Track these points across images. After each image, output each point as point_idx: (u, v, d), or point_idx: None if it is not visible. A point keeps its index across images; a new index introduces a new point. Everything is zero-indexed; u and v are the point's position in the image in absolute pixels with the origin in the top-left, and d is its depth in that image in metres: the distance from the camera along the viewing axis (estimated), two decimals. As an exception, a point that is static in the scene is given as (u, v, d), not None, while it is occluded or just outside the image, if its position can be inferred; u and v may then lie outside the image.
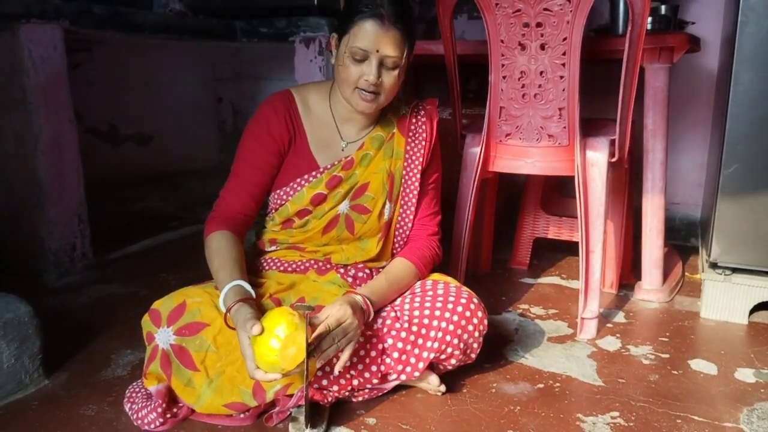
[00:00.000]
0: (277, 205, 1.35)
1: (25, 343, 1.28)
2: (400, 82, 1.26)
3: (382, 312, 1.26)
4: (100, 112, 2.53)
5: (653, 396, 1.30)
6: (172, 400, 1.17)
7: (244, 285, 1.17)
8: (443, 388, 1.28)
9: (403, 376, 1.23)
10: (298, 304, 1.23)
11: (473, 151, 1.69)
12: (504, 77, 1.57)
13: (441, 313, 1.22)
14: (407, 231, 1.41)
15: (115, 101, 2.59)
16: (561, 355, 1.49)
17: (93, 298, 1.83)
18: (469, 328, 1.23)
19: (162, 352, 1.15)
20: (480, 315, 1.25)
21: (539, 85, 1.54)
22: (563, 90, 1.51)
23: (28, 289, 1.64)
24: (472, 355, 1.28)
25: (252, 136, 1.32)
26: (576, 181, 1.57)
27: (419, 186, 1.38)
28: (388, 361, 1.22)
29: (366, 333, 1.22)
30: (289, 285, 1.31)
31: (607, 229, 1.66)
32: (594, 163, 1.58)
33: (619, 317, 1.72)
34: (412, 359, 1.22)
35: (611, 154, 1.59)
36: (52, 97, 1.88)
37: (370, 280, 1.30)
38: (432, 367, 1.29)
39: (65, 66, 1.91)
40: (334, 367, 1.13)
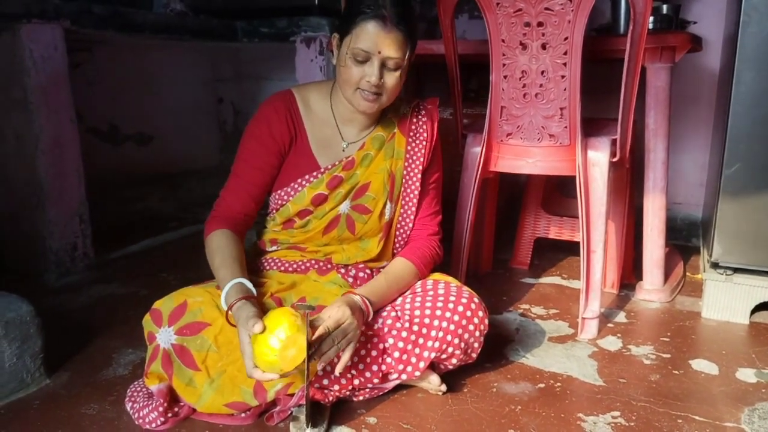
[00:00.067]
0: (278, 206, 1.35)
1: (27, 343, 1.28)
2: (402, 83, 1.26)
3: (383, 312, 1.26)
4: (100, 112, 2.53)
5: (654, 396, 1.30)
6: (173, 400, 1.17)
7: (246, 283, 1.17)
8: (444, 387, 1.28)
9: (403, 375, 1.22)
10: (298, 304, 1.23)
11: (474, 150, 1.69)
12: (505, 77, 1.57)
13: (442, 313, 1.22)
14: (408, 231, 1.40)
15: (116, 101, 2.59)
16: (562, 354, 1.49)
17: (94, 297, 1.83)
18: (470, 327, 1.23)
19: (163, 352, 1.15)
20: (481, 315, 1.25)
21: (540, 85, 1.53)
22: (564, 89, 1.51)
23: (29, 289, 1.63)
24: (473, 355, 1.28)
25: (252, 136, 1.32)
26: (577, 181, 1.57)
27: (420, 186, 1.38)
28: (389, 360, 1.22)
29: (367, 333, 1.21)
30: (290, 285, 1.31)
31: (608, 229, 1.66)
32: (595, 163, 1.58)
33: (620, 317, 1.72)
34: (413, 359, 1.22)
35: (612, 154, 1.58)
36: (52, 96, 1.88)
37: (370, 281, 1.30)
38: (433, 366, 1.29)
39: (66, 66, 1.91)
40: (335, 368, 1.13)
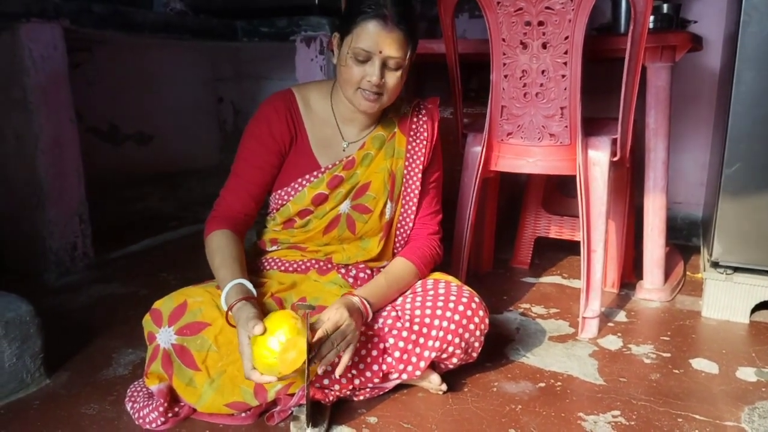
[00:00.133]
0: (278, 205, 1.34)
1: (27, 343, 1.28)
2: (403, 82, 1.26)
3: (383, 312, 1.26)
4: (100, 112, 2.53)
5: (654, 395, 1.30)
6: (173, 400, 1.17)
7: (246, 284, 1.17)
8: (444, 387, 1.28)
9: (404, 375, 1.22)
10: (299, 303, 1.23)
11: (475, 150, 1.69)
12: (505, 76, 1.57)
13: (442, 313, 1.22)
14: (408, 230, 1.40)
15: (116, 101, 2.59)
16: (562, 354, 1.49)
17: (94, 297, 1.83)
18: (471, 327, 1.23)
19: (163, 352, 1.15)
20: (481, 314, 1.25)
21: (541, 84, 1.53)
22: (565, 89, 1.51)
23: (29, 289, 1.63)
24: (474, 354, 1.28)
25: (253, 135, 1.32)
26: (577, 181, 1.57)
27: (420, 185, 1.37)
28: (390, 360, 1.22)
29: (367, 333, 1.21)
30: (290, 285, 1.30)
31: (608, 228, 1.66)
32: (596, 163, 1.58)
33: (621, 316, 1.72)
34: (414, 359, 1.21)
35: (613, 153, 1.58)
36: (52, 96, 1.88)
37: (369, 281, 1.30)
38: (433, 366, 1.29)
39: (66, 65, 1.91)
40: (335, 371, 1.13)
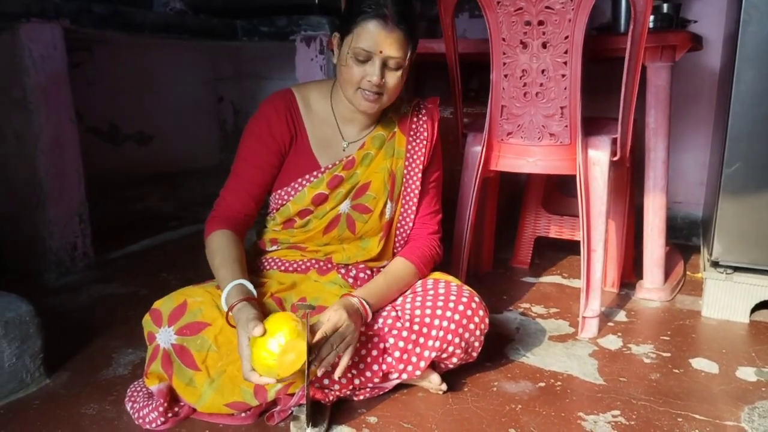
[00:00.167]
0: (278, 205, 1.34)
1: (26, 343, 1.28)
2: (403, 82, 1.26)
3: (383, 312, 1.26)
4: (100, 112, 2.53)
5: (654, 395, 1.30)
6: (173, 400, 1.17)
7: (246, 284, 1.16)
8: (444, 386, 1.28)
9: (404, 375, 1.22)
10: (299, 303, 1.23)
11: (475, 150, 1.69)
12: (505, 76, 1.57)
13: (442, 313, 1.22)
14: (408, 230, 1.40)
15: (116, 101, 2.59)
16: (562, 353, 1.49)
17: (93, 297, 1.83)
18: (471, 327, 1.23)
19: (163, 352, 1.15)
20: (481, 314, 1.25)
21: (541, 84, 1.53)
22: (565, 88, 1.51)
23: (28, 289, 1.63)
24: (474, 354, 1.28)
25: (253, 135, 1.31)
26: (577, 180, 1.57)
27: (420, 185, 1.37)
28: (390, 360, 1.22)
29: (367, 333, 1.21)
30: (290, 285, 1.30)
31: (608, 228, 1.66)
32: (596, 162, 1.58)
33: (621, 316, 1.72)
34: (414, 358, 1.21)
35: (613, 153, 1.58)
36: (52, 96, 1.88)
37: (369, 282, 1.30)
38: (433, 365, 1.29)
39: (65, 65, 1.91)
40: (335, 372, 1.13)
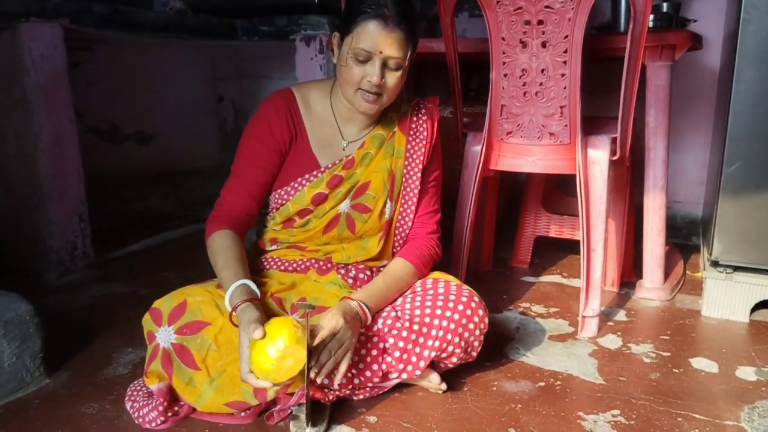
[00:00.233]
0: (278, 205, 1.34)
1: (26, 342, 1.28)
2: (403, 82, 1.26)
3: (383, 311, 1.26)
4: (100, 111, 2.53)
5: (654, 394, 1.30)
6: (173, 399, 1.17)
7: (250, 284, 1.17)
8: (444, 386, 1.28)
9: (404, 374, 1.22)
10: (299, 303, 1.23)
11: (474, 149, 1.69)
12: (505, 75, 1.57)
13: (442, 312, 1.22)
14: (408, 229, 1.40)
15: (116, 100, 2.59)
16: (562, 353, 1.49)
17: (94, 297, 1.83)
18: (470, 326, 1.23)
19: (163, 351, 1.15)
20: (481, 313, 1.25)
21: (540, 83, 1.53)
22: (565, 88, 1.51)
23: (29, 289, 1.63)
24: (473, 354, 1.28)
25: (253, 134, 1.31)
26: (577, 180, 1.57)
27: (420, 184, 1.37)
28: (389, 360, 1.22)
29: (367, 333, 1.21)
30: (290, 285, 1.31)
31: (608, 227, 1.66)
32: (595, 162, 1.58)
33: (620, 315, 1.72)
34: (413, 358, 1.21)
35: (613, 152, 1.58)
36: (52, 96, 1.88)
37: (368, 283, 1.29)
38: (433, 365, 1.29)
39: (65, 65, 1.91)
40: (333, 380, 1.13)
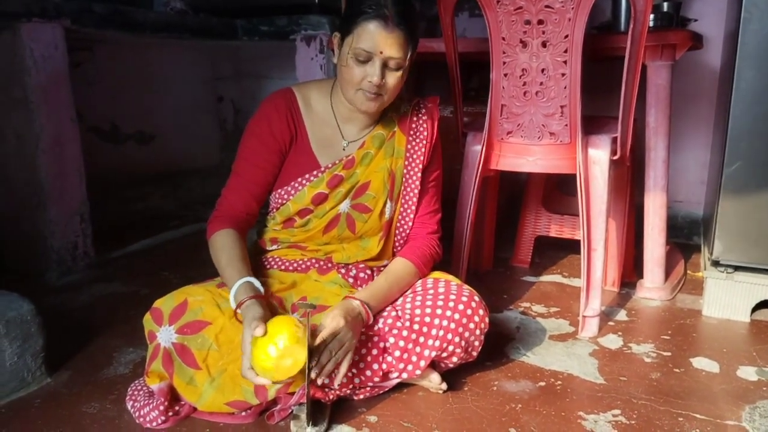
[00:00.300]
0: (278, 204, 1.34)
1: (28, 342, 1.28)
2: (403, 82, 1.26)
3: (383, 311, 1.26)
4: (101, 111, 2.53)
5: (655, 394, 1.30)
6: (174, 399, 1.17)
7: (254, 282, 1.18)
8: (445, 386, 1.28)
9: (404, 374, 1.22)
10: (300, 303, 1.23)
11: (475, 149, 1.69)
12: (505, 75, 1.57)
13: (442, 312, 1.22)
14: (408, 229, 1.40)
15: (117, 100, 2.59)
16: (562, 353, 1.49)
17: (95, 296, 1.84)
18: (471, 326, 1.23)
19: (164, 351, 1.16)
20: (481, 313, 1.25)
21: (541, 83, 1.53)
22: (565, 87, 1.51)
23: (30, 288, 1.64)
24: (474, 353, 1.28)
25: (253, 134, 1.32)
26: (578, 179, 1.57)
27: (420, 184, 1.37)
28: (390, 359, 1.22)
29: (367, 332, 1.21)
30: (291, 284, 1.31)
31: (608, 227, 1.66)
32: (596, 161, 1.57)
33: (621, 315, 1.72)
34: (414, 358, 1.21)
35: (613, 152, 1.58)
36: (53, 96, 1.88)
37: (370, 283, 1.30)
38: (433, 365, 1.29)
39: (66, 65, 1.91)
40: (334, 381, 1.13)
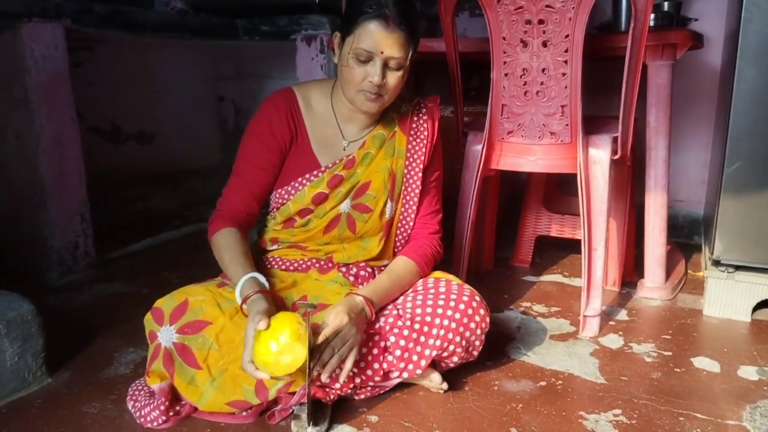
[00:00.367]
0: (279, 204, 1.35)
1: (28, 342, 1.28)
2: (404, 82, 1.26)
3: (384, 310, 1.26)
4: (101, 111, 2.53)
5: (656, 394, 1.30)
6: (174, 398, 1.18)
7: (259, 277, 1.18)
8: (445, 385, 1.28)
9: (405, 373, 1.22)
10: (300, 302, 1.23)
11: (475, 149, 1.69)
12: (506, 74, 1.57)
13: (443, 311, 1.22)
14: (409, 230, 1.40)
15: (117, 100, 2.59)
16: (563, 352, 1.49)
17: (95, 296, 1.84)
18: (471, 325, 1.23)
19: (164, 351, 1.16)
20: (482, 313, 1.25)
21: (541, 83, 1.53)
22: (565, 87, 1.51)
23: (30, 288, 1.64)
24: (474, 353, 1.28)
25: (254, 134, 1.32)
26: (578, 179, 1.57)
27: (421, 184, 1.37)
28: (390, 359, 1.22)
29: (368, 331, 1.21)
30: (291, 283, 1.31)
31: (609, 226, 1.66)
32: (596, 161, 1.57)
33: (622, 315, 1.72)
34: (414, 357, 1.21)
35: (614, 152, 1.58)
36: (53, 96, 1.88)
37: (372, 280, 1.30)
38: (434, 364, 1.29)
39: (67, 65, 1.91)
40: (339, 377, 1.13)
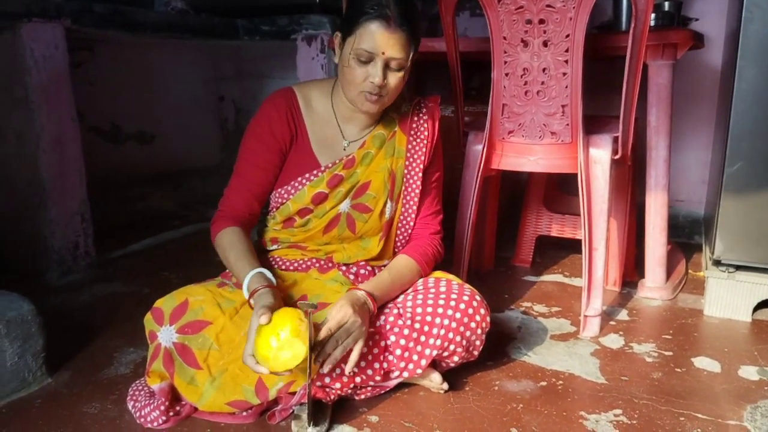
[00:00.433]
0: (278, 204, 1.35)
1: (28, 342, 1.28)
2: (405, 82, 1.26)
3: (385, 309, 1.26)
4: (102, 111, 2.53)
5: (656, 394, 1.29)
6: (174, 399, 1.18)
7: (266, 273, 1.19)
8: (446, 385, 1.28)
9: (405, 373, 1.22)
10: (300, 302, 1.23)
11: (476, 148, 1.69)
12: (506, 74, 1.57)
13: (443, 311, 1.22)
14: (409, 230, 1.40)
15: (117, 100, 2.59)
16: (564, 352, 1.49)
17: (95, 296, 1.84)
18: (472, 325, 1.23)
19: (165, 351, 1.16)
20: (482, 312, 1.25)
21: (542, 82, 1.53)
22: (566, 87, 1.51)
23: (30, 288, 1.64)
24: (475, 353, 1.28)
25: (254, 135, 1.32)
26: (579, 179, 1.57)
27: (421, 185, 1.37)
28: (391, 358, 1.22)
29: (369, 330, 1.21)
30: (292, 283, 1.31)
31: (610, 226, 1.66)
32: (597, 161, 1.57)
33: (622, 315, 1.72)
34: (415, 357, 1.21)
35: (614, 152, 1.58)
36: (53, 95, 1.88)
37: (373, 277, 1.30)
38: (434, 364, 1.29)
39: (67, 65, 1.91)
40: (345, 367, 1.13)
